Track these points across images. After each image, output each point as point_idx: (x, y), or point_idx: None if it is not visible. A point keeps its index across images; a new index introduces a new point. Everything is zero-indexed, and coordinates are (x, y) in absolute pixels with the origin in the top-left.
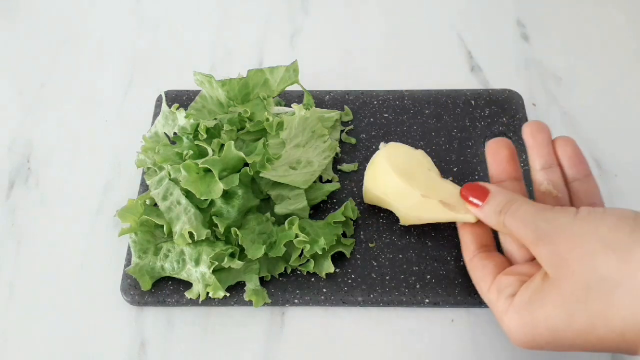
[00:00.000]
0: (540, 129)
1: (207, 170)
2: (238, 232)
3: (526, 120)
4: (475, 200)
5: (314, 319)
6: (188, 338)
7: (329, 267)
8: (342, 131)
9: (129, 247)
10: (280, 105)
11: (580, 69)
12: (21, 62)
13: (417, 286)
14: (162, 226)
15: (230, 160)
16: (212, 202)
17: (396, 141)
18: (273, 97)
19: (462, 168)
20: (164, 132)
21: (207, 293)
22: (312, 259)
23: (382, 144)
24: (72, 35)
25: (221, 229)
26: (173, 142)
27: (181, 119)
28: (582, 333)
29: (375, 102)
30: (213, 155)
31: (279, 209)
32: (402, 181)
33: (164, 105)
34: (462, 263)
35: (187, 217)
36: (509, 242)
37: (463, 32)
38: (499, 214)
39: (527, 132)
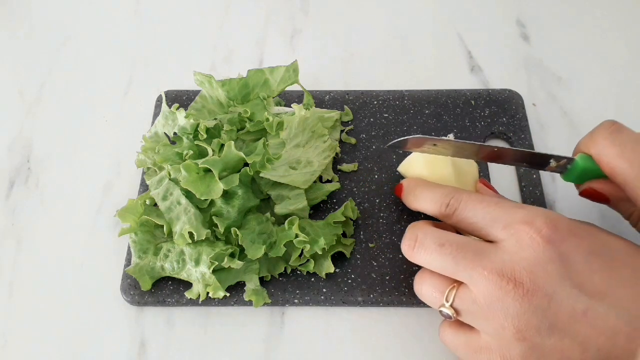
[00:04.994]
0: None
1: (207, 170)
2: (238, 232)
3: (526, 120)
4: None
5: (314, 319)
6: (188, 338)
7: (329, 267)
8: (342, 131)
9: (129, 247)
10: (280, 105)
11: (580, 69)
12: (21, 62)
13: None
14: (162, 226)
15: (230, 160)
16: (212, 202)
17: None
18: (273, 97)
19: None
20: (164, 132)
21: (207, 293)
22: (312, 259)
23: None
24: (72, 35)
25: (221, 229)
26: (173, 142)
27: (181, 119)
28: None
29: (375, 102)
30: (213, 155)
31: (279, 209)
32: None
33: (164, 105)
34: None
35: (187, 217)
36: None
37: (463, 32)
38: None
39: None
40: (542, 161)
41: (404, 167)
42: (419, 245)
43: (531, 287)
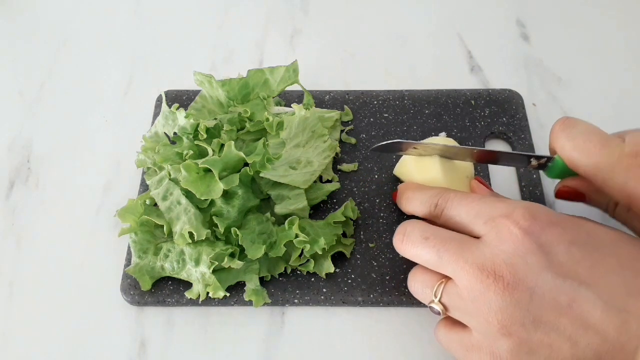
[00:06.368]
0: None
1: (207, 170)
2: (238, 232)
3: (526, 120)
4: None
5: (314, 319)
6: (188, 338)
7: (329, 267)
8: (342, 131)
9: (129, 247)
10: (280, 105)
11: (580, 69)
12: (21, 62)
13: None
14: (162, 226)
15: (230, 160)
16: (212, 202)
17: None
18: (273, 97)
19: None
20: (164, 132)
21: (207, 293)
22: (312, 259)
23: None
24: (72, 35)
25: (221, 229)
26: (173, 142)
27: (181, 119)
28: None
29: (375, 102)
30: (213, 155)
31: (279, 209)
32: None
33: (164, 105)
34: None
35: (187, 217)
36: None
37: (463, 32)
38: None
39: None
40: (523, 160)
41: (398, 170)
42: (406, 239)
43: (512, 281)
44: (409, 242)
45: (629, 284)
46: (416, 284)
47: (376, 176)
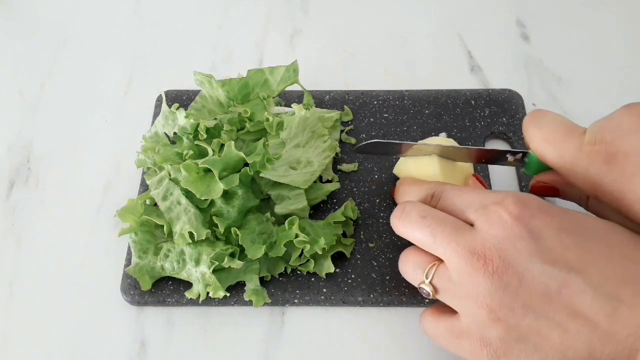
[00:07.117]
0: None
1: (207, 170)
2: (238, 232)
3: None
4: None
5: (314, 319)
6: (188, 338)
7: (329, 267)
8: (342, 131)
9: (129, 247)
10: (280, 105)
11: (580, 69)
12: (21, 62)
13: None
14: (162, 226)
15: (230, 160)
16: (212, 202)
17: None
18: (273, 97)
19: None
20: (164, 132)
21: (207, 293)
22: (312, 259)
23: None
24: (72, 35)
25: (221, 229)
26: (173, 142)
27: (181, 119)
28: None
29: (375, 102)
30: (213, 155)
31: (279, 209)
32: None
33: (164, 105)
34: None
35: (187, 217)
36: None
37: (463, 32)
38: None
39: None
40: (499, 157)
41: (397, 169)
42: (404, 216)
43: (501, 265)
44: (406, 220)
45: (620, 272)
46: (407, 264)
47: (376, 176)
